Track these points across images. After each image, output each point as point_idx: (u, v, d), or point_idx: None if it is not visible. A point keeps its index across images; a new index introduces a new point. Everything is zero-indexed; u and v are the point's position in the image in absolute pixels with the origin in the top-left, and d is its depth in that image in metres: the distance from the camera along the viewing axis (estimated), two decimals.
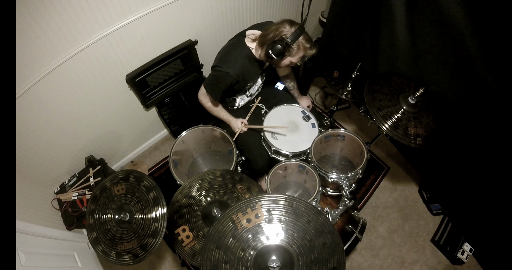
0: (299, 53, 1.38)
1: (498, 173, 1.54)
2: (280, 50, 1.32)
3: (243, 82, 1.53)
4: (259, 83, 1.72)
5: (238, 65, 1.44)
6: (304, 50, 1.38)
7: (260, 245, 0.91)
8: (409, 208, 2.19)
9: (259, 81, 1.71)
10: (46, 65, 1.36)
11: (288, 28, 1.32)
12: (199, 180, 1.35)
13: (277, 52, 1.33)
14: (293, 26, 1.33)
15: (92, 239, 1.17)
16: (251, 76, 1.56)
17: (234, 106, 1.76)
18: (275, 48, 1.32)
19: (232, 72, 1.41)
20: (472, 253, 1.88)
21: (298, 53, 1.38)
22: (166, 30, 1.70)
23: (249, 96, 1.76)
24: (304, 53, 1.40)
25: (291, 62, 1.43)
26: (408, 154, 2.31)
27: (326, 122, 2.26)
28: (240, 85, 1.54)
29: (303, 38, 1.35)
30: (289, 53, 1.37)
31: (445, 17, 1.29)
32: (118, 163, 2.32)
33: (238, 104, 1.75)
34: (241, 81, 1.49)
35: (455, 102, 1.53)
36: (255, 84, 1.69)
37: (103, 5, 1.35)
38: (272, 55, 1.34)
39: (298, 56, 1.40)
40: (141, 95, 1.87)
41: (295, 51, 1.37)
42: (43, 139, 1.61)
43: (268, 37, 1.35)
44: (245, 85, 1.59)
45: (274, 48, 1.32)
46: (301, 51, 1.38)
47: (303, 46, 1.36)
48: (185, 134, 1.68)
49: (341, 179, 1.52)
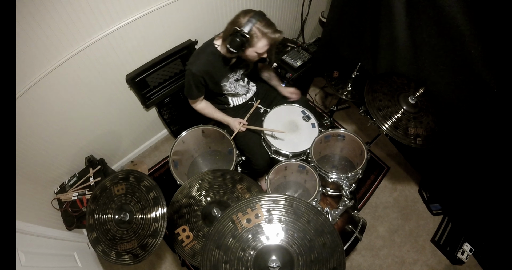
0: (261, 41, 1.30)
1: (498, 173, 1.54)
2: (238, 43, 1.27)
3: (211, 79, 1.50)
4: (241, 84, 1.67)
5: (200, 63, 1.43)
6: (264, 36, 1.29)
7: (260, 245, 0.91)
8: (409, 208, 2.19)
9: (241, 80, 1.65)
10: (46, 65, 1.36)
11: (242, 19, 1.27)
12: (199, 180, 1.35)
13: (235, 45, 1.27)
14: (247, 15, 1.27)
15: (92, 239, 1.17)
16: (218, 73, 1.51)
17: (229, 105, 1.75)
18: (232, 42, 1.27)
19: (194, 69, 1.42)
20: (472, 253, 1.88)
21: (259, 41, 1.30)
22: (166, 30, 1.70)
23: (240, 95, 1.73)
24: (267, 40, 1.31)
25: (258, 53, 1.36)
26: (408, 154, 2.31)
27: (326, 122, 2.26)
28: (211, 83, 1.52)
29: (259, 25, 1.27)
30: (249, 43, 1.30)
31: (445, 17, 1.29)
32: (118, 163, 2.32)
33: (233, 103, 1.74)
34: (206, 78, 1.47)
35: (455, 102, 1.53)
36: (235, 83, 1.63)
37: (103, 5, 1.35)
38: (231, 49, 1.29)
39: (262, 44, 1.31)
40: (141, 95, 1.87)
41: (255, 40, 1.29)
42: (43, 139, 1.61)
43: (226, 33, 1.33)
44: (216, 82, 1.54)
45: (232, 42, 1.27)
46: (261, 38, 1.29)
47: (262, 33, 1.28)
48: (185, 134, 1.68)
49: (341, 179, 1.52)
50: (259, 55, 1.38)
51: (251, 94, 1.79)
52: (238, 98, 1.74)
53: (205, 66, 1.44)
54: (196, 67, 1.43)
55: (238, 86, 1.67)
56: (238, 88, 1.68)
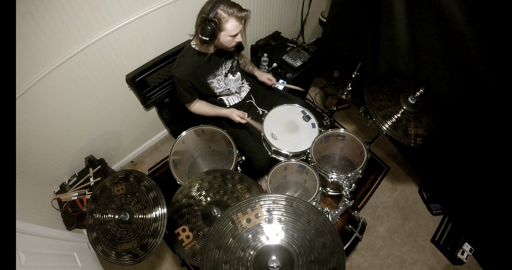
0: (229, 22, 1.29)
1: (498, 173, 1.54)
2: (208, 30, 1.26)
3: (196, 80, 1.50)
4: (232, 78, 1.65)
5: (182, 66, 1.45)
6: (231, 16, 1.28)
7: (260, 245, 0.91)
8: (409, 208, 2.19)
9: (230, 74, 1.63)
10: (46, 65, 1.36)
11: (206, 7, 1.29)
12: (199, 180, 1.35)
13: (207, 33, 1.27)
14: (210, 2, 1.28)
15: (92, 239, 1.17)
16: (202, 72, 1.51)
17: (225, 106, 1.74)
18: (203, 31, 1.28)
19: (177, 74, 1.44)
20: (472, 253, 1.88)
21: (228, 23, 1.29)
22: (166, 30, 1.70)
23: (234, 94, 1.72)
24: (236, 19, 1.29)
25: (231, 36, 1.34)
26: (408, 154, 2.31)
27: (326, 122, 2.26)
28: (198, 84, 1.52)
29: (224, 7, 1.27)
30: (219, 28, 1.29)
31: (445, 17, 1.29)
32: (118, 163, 2.32)
33: (228, 103, 1.73)
34: (192, 79, 1.48)
35: (455, 102, 1.53)
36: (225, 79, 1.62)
37: (103, 5, 1.35)
38: (203, 38, 1.29)
39: (231, 25, 1.30)
40: (141, 95, 1.87)
41: (224, 22, 1.29)
42: (43, 139, 1.61)
43: (196, 25, 1.34)
44: (202, 82, 1.54)
45: (203, 31, 1.28)
46: (229, 19, 1.28)
47: (228, 13, 1.27)
48: (185, 134, 1.68)
49: (341, 179, 1.52)
50: (233, 38, 1.37)
51: (245, 93, 1.78)
52: (232, 97, 1.73)
53: (188, 68, 1.45)
54: (179, 71, 1.44)
55: (230, 81, 1.65)
56: (230, 84, 1.66)
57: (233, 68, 1.64)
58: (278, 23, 2.45)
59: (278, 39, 2.39)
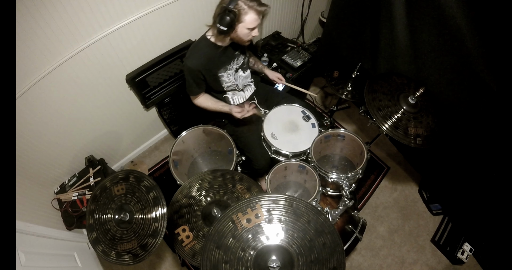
0: (248, 14, 1.30)
1: (498, 173, 1.54)
2: (227, 20, 1.27)
3: (208, 71, 1.50)
4: (242, 75, 1.65)
5: (196, 57, 1.44)
6: (251, 9, 1.29)
7: (260, 245, 0.91)
8: (409, 208, 2.19)
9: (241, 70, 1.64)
10: (46, 65, 1.36)
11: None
12: (199, 180, 1.35)
13: (225, 23, 1.28)
14: None
15: (92, 239, 1.17)
16: (216, 63, 1.51)
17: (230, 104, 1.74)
18: (222, 20, 1.28)
19: (189, 64, 1.43)
20: (472, 253, 1.88)
21: (247, 15, 1.30)
22: (166, 30, 1.70)
23: (239, 92, 1.72)
24: (255, 13, 1.30)
25: (248, 29, 1.35)
26: (408, 154, 2.31)
27: (326, 122, 2.26)
28: (209, 76, 1.52)
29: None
30: (238, 19, 1.30)
31: (445, 17, 1.29)
32: (118, 163, 2.32)
33: (233, 102, 1.73)
34: (203, 71, 1.47)
35: (455, 102, 1.53)
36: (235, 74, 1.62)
37: (103, 5, 1.35)
38: (221, 28, 1.29)
39: (250, 18, 1.31)
40: (141, 95, 1.87)
41: (243, 14, 1.29)
42: (43, 139, 1.61)
43: (214, 15, 1.34)
44: (214, 74, 1.54)
45: (221, 20, 1.28)
46: (249, 11, 1.29)
47: (248, 6, 1.28)
48: (185, 134, 1.68)
49: (341, 179, 1.52)
50: (250, 31, 1.38)
51: (250, 93, 1.78)
52: (237, 96, 1.73)
53: (201, 59, 1.44)
54: (191, 61, 1.43)
55: (239, 77, 1.65)
56: (239, 80, 1.66)
57: (244, 64, 1.64)
58: (278, 23, 2.45)
59: (278, 39, 2.39)
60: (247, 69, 1.69)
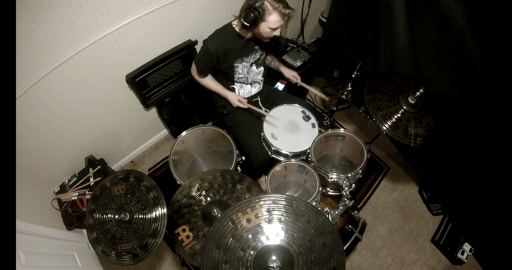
0: (272, 15, 1.34)
1: (498, 173, 1.54)
2: (251, 17, 1.32)
3: (226, 58, 1.53)
4: (254, 70, 1.68)
5: (218, 41, 1.48)
6: (275, 10, 1.33)
7: (260, 245, 0.91)
8: (409, 208, 2.19)
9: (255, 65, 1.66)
10: (46, 65, 1.36)
11: None
12: (199, 180, 1.35)
13: (249, 19, 1.33)
14: None
15: (92, 239, 1.17)
16: (235, 52, 1.54)
17: None
18: (246, 17, 1.33)
19: (210, 46, 1.46)
20: (472, 253, 1.88)
21: (271, 16, 1.34)
22: (166, 30, 1.70)
23: (246, 86, 1.74)
24: (279, 14, 1.35)
25: (270, 28, 1.39)
26: (408, 154, 2.31)
27: (326, 122, 2.26)
28: (225, 62, 1.55)
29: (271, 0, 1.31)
30: (262, 18, 1.34)
31: (445, 17, 1.29)
32: (118, 163, 2.32)
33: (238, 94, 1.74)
34: (221, 57, 1.50)
35: (455, 102, 1.53)
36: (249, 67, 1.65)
37: (103, 5, 1.35)
38: (245, 23, 1.34)
39: (273, 18, 1.35)
40: (141, 95, 1.87)
41: (267, 14, 1.33)
42: (43, 139, 1.61)
43: (241, 9, 1.38)
44: (230, 62, 1.57)
45: (246, 17, 1.33)
46: (273, 12, 1.33)
47: (273, 7, 1.32)
48: (185, 134, 1.68)
49: (341, 179, 1.52)
50: (272, 31, 1.42)
51: (256, 90, 1.79)
52: (244, 90, 1.76)
53: (223, 44, 1.48)
54: (213, 44, 1.47)
55: (251, 72, 1.69)
56: (250, 74, 1.70)
57: (259, 60, 1.68)
58: None
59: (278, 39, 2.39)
60: (261, 66, 1.72)
